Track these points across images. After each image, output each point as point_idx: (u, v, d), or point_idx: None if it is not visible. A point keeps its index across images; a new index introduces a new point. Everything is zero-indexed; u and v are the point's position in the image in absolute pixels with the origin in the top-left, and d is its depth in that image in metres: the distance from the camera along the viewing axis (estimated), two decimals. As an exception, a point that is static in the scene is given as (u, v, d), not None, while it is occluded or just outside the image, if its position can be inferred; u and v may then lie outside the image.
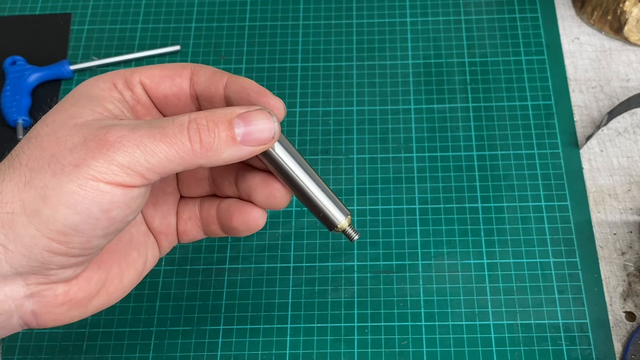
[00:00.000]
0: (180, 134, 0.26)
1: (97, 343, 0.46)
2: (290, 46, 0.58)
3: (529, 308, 0.46)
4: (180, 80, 0.30)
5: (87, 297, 0.29)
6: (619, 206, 0.50)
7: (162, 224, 0.33)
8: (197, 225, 0.34)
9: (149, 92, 0.31)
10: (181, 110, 0.31)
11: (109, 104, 0.28)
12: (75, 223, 0.25)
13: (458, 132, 0.53)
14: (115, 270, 0.30)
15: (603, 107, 0.54)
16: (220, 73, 0.30)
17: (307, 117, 0.54)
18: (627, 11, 0.55)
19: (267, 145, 0.28)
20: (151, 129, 0.26)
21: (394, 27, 0.59)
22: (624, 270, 0.47)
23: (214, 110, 0.27)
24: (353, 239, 0.32)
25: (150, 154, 0.25)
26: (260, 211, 0.32)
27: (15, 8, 0.62)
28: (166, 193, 0.33)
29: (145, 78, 0.30)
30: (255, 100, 0.29)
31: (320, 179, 0.31)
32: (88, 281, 0.29)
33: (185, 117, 0.26)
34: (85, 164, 0.25)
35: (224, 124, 0.27)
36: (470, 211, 0.50)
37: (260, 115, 0.27)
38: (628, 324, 0.45)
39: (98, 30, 0.60)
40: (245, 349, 0.46)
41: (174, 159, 0.26)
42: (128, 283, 0.31)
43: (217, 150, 0.26)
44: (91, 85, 0.29)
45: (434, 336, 0.45)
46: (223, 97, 0.30)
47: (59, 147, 0.25)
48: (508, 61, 0.56)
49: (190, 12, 0.61)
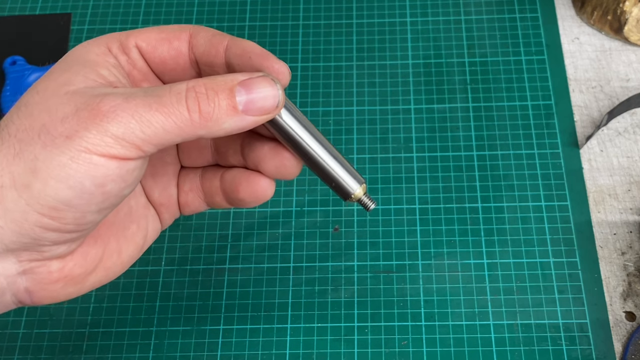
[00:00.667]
0: (178, 103, 0.24)
1: (97, 343, 0.46)
2: (290, 46, 0.58)
3: (529, 308, 0.46)
4: (179, 44, 0.29)
5: (83, 273, 0.27)
6: (619, 206, 0.50)
7: (162, 195, 0.31)
8: (200, 197, 0.32)
9: (146, 56, 0.29)
10: (180, 75, 0.30)
11: (103, 69, 0.26)
12: (67, 198, 0.24)
13: (458, 132, 0.53)
14: (113, 244, 0.29)
15: (603, 107, 0.54)
16: (220, 35, 0.29)
17: (307, 117, 0.54)
18: (627, 11, 0.55)
19: (271, 115, 0.26)
20: (147, 98, 0.24)
21: (394, 27, 0.59)
22: (624, 270, 0.47)
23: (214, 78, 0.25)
24: (370, 208, 0.30)
25: (146, 124, 0.24)
26: (268, 181, 0.30)
27: (15, 8, 0.62)
28: (166, 163, 0.32)
29: (141, 41, 0.29)
30: (258, 63, 0.28)
31: (332, 146, 0.29)
32: (84, 257, 0.27)
33: (183, 84, 0.25)
34: (77, 135, 0.23)
35: (224, 92, 0.25)
36: (470, 211, 0.50)
37: (263, 82, 0.26)
38: (628, 324, 0.45)
39: (98, 30, 0.60)
40: (245, 349, 0.46)
41: (172, 130, 0.24)
42: (127, 257, 0.30)
43: (218, 120, 0.25)
44: (85, 50, 0.27)
45: (434, 336, 0.45)
46: (224, 60, 0.28)
47: (49, 116, 0.24)
48: (508, 61, 0.56)
49: (190, 12, 0.61)
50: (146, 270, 0.49)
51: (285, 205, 0.51)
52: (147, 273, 0.48)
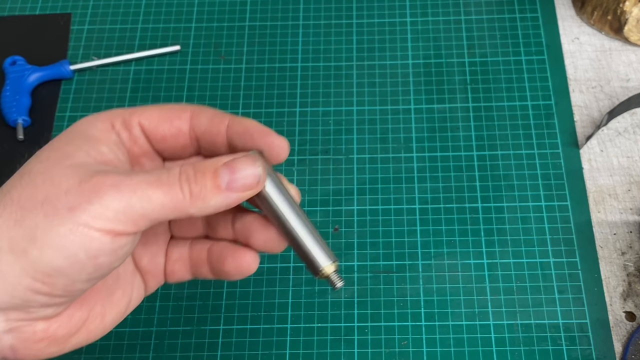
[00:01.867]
0: (173, 183, 0.26)
1: (97, 343, 0.46)
2: (290, 46, 0.58)
3: (529, 308, 0.46)
4: (180, 122, 0.30)
5: (67, 334, 0.29)
6: (619, 206, 0.50)
7: (150, 263, 0.33)
8: (186, 266, 0.33)
9: (147, 134, 0.30)
10: (179, 152, 0.32)
11: (104, 146, 0.28)
12: (61, 266, 0.25)
13: (458, 132, 0.53)
14: (98, 309, 0.30)
15: (603, 107, 0.54)
16: (221, 115, 0.30)
17: (307, 117, 0.54)
18: (627, 11, 0.55)
19: (254, 191, 0.28)
20: (147, 176, 0.26)
21: (394, 27, 0.59)
22: (624, 270, 0.47)
23: (203, 161, 0.28)
24: (336, 286, 0.31)
25: (146, 199, 0.25)
26: (253, 256, 0.31)
27: (15, 8, 0.62)
28: (157, 233, 0.33)
29: (144, 119, 0.30)
30: (260, 140, 0.30)
31: (312, 224, 0.31)
32: (69, 319, 0.28)
33: (176, 168, 0.27)
34: (80, 208, 0.25)
35: (209, 173, 0.27)
36: (470, 211, 0.50)
37: (245, 162, 0.28)
38: (628, 324, 0.45)
39: (98, 30, 0.60)
40: (245, 349, 0.46)
41: (168, 207, 0.26)
42: (110, 322, 0.31)
43: (205, 199, 0.27)
44: (88, 125, 0.29)
45: (434, 336, 0.45)
46: (225, 139, 0.30)
47: (53, 187, 0.25)
48: (508, 61, 0.56)
49: (190, 12, 0.61)
50: (146, 270, 0.49)
51: (285, 205, 0.51)
52: (147, 273, 0.48)
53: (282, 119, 0.54)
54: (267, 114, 0.55)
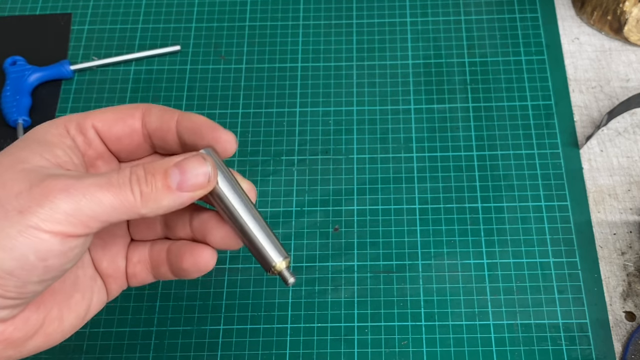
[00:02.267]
0: (124, 184, 0.26)
1: (98, 343, 0.46)
2: (290, 46, 0.58)
3: (529, 308, 0.46)
4: (132, 121, 0.31)
5: (23, 337, 0.28)
6: (619, 206, 0.50)
7: (110, 267, 0.33)
8: (147, 268, 0.33)
9: (102, 135, 0.31)
10: (135, 151, 0.32)
11: (58, 150, 0.28)
12: (10, 268, 0.25)
13: (458, 132, 0.53)
14: (55, 312, 0.30)
15: (603, 107, 0.54)
16: (170, 112, 0.31)
17: (307, 117, 0.54)
18: (627, 11, 0.55)
19: (204, 190, 0.28)
20: (98, 179, 0.26)
21: (394, 27, 0.59)
22: (624, 270, 0.47)
23: (153, 162, 0.28)
24: (288, 283, 0.31)
25: (96, 202, 0.26)
26: (211, 252, 0.31)
27: (15, 8, 0.62)
28: (116, 236, 0.33)
29: (97, 122, 0.31)
30: (207, 135, 0.30)
31: (264, 221, 0.31)
32: (25, 322, 0.28)
33: (127, 170, 0.27)
34: (29, 210, 0.25)
35: (160, 174, 0.27)
36: (470, 211, 0.50)
37: (195, 162, 0.28)
38: (628, 324, 0.45)
39: (98, 30, 0.60)
40: (246, 349, 0.46)
41: (119, 208, 0.26)
42: (69, 326, 0.31)
43: (156, 200, 0.27)
44: (44, 131, 0.29)
45: (434, 336, 0.45)
46: (176, 134, 0.31)
47: (4, 191, 0.25)
48: (508, 61, 0.56)
49: (190, 12, 0.61)
50: (146, 270, 0.49)
51: (285, 205, 0.51)
52: (147, 273, 0.49)
53: (282, 119, 0.54)
54: (267, 114, 0.55)
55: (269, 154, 0.53)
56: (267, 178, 0.52)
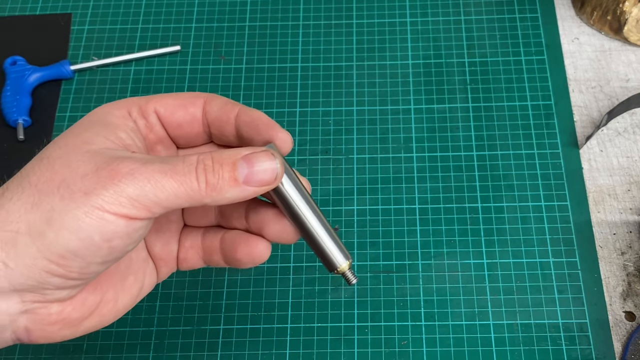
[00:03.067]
0: (189, 172, 0.27)
1: (98, 343, 0.46)
2: (290, 46, 0.58)
3: (528, 308, 0.46)
4: (194, 109, 0.31)
5: (80, 317, 0.29)
6: (619, 206, 0.50)
7: (163, 250, 0.33)
8: (198, 254, 0.34)
9: (163, 121, 0.31)
10: (193, 139, 0.32)
11: (122, 132, 0.29)
12: (76, 248, 0.25)
13: (458, 132, 0.53)
14: (110, 293, 0.30)
15: (603, 107, 0.54)
16: (232, 103, 0.31)
17: (307, 117, 0.54)
18: (627, 11, 0.55)
19: (270, 186, 0.28)
20: (163, 165, 0.26)
21: (394, 27, 0.59)
22: (624, 270, 0.47)
23: (221, 152, 0.28)
24: (351, 283, 0.32)
25: (160, 188, 0.26)
26: (266, 245, 0.32)
27: (15, 8, 0.62)
28: (170, 221, 0.34)
29: (160, 107, 0.31)
30: (264, 132, 0.30)
31: (326, 220, 0.31)
32: (82, 302, 0.29)
33: (194, 157, 0.27)
34: (95, 192, 0.25)
35: (228, 166, 0.27)
36: (470, 211, 0.50)
37: (264, 157, 0.28)
38: (628, 324, 0.45)
39: (98, 30, 0.60)
40: (246, 348, 0.46)
41: (182, 196, 0.26)
42: (122, 307, 0.31)
43: (221, 190, 0.27)
44: (106, 112, 0.30)
45: (434, 336, 0.45)
46: (234, 127, 0.31)
47: (70, 172, 0.26)
48: (508, 61, 0.56)
49: (190, 12, 0.61)
50: (146, 270, 0.49)
51: (285, 205, 0.51)
52: (147, 273, 0.49)
53: (282, 119, 0.54)
54: (267, 114, 0.55)
55: (269, 154, 0.53)
56: (267, 178, 0.52)
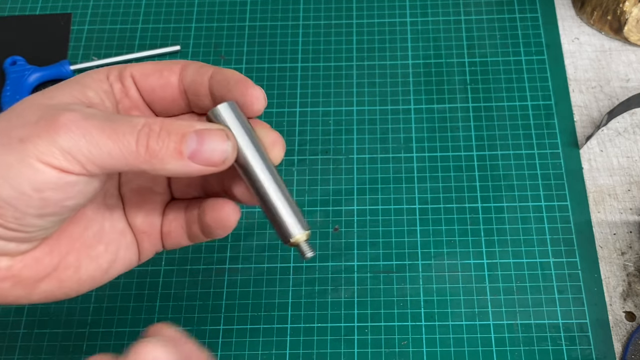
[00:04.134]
0: (130, 134, 0.25)
1: (97, 343, 0.46)
2: (290, 46, 0.58)
3: (529, 308, 0.46)
4: (169, 74, 0.30)
5: (33, 277, 0.28)
6: (619, 206, 0.50)
7: (144, 222, 0.32)
8: (182, 227, 0.32)
9: (138, 85, 0.30)
10: (169, 105, 0.31)
11: (91, 91, 0.28)
12: (7, 196, 0.25)
13: (458, 132, 0.53)
14: (71, 258, 0.29)
15: (603, 107, 0.54)
16: (207, 66, 0.30)
17: (307, 117, 0.54)
18: (627, 11, 0.55)
19: (217, 168, 0.27)
20: (103, 122, 0.25)
21: (394, 27, 0.59)
22: (624, 270, 0.47)
23: (174, 120, 0.27)
24: (306, 256, 0.29)
25: (93, 145, 0.25)
26: (232, 206, 0.30)
27: (15, 8, 0.62)
28: (154, 192, 0.32)
29: (136, 71, 0.30)
30: (235, 88, 0.29)
31: (285, 188, 0.29)
32: (36, 261, 0.28)
33: (142, 119, 0.26)
34: (29, 140, 0.25)
35: (176, 136, 0.26)
36: (470, 211, 0.50)
37: (216, 136, 0.27)
38: (628, 324, 0.45)
39: (98, 30, 0.60)
40: (245, 349, 0.46)
41: (116, 157, 0.25)
42: (87, 276, 0.30)
43: (162, 160, 0.26)
44: (85, 75, 0.29)
45: (434, 336, 0.45)
46: (208, 89, 0.30)
47: (16, 120, 0.25)
48: (508, 61, 0.56)
49: (190, 12, 0.61)
50: (146, 270, 0.49)
51: (285, 205, 0.51)
52: (147, 273, 0.49)
53: (282, 119, 0.54)
54: (267, 114, 0.55)
55: (269, 154, 0.53)
56: (267, 178, 0.52)
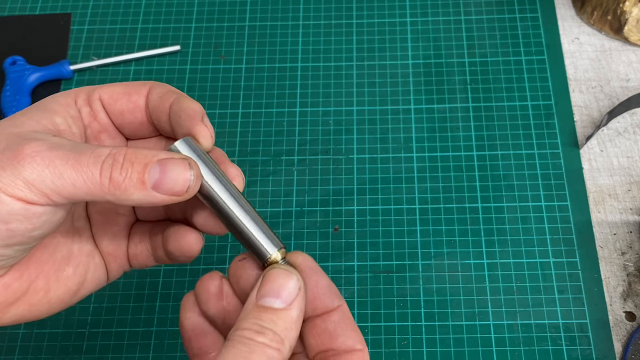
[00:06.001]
0: (94, 165, 0.25)
1: (97, 343, 0.46)
2: (290, 46, 0.58)
3: (529, 308, 0.46)
4: (137, 97, 0.30)
5: (3, 302, 0.28)
6: (619, 206, 0.50)
7: (110, 245, 0.32)
8: (148, 250, 0.33)
9: (106, 108, 0.30)
10: (138, 129, 0.31)
11: (58, 117, 0.28)
12: None
13: (458, 132, 0.53)
14: (40, 282, 0.29)
15: (603, 107, 0.54)
16: (171, 92, 0.30)
17: (307, 117, 0.54)
18: (627, 11, 0.55)
19: (180, 198, 0.27)
20: (68, 152, 0.25)
21: (394, 27, 0.59)
22: (624, 270, 0.47)
23: (138, 150, 0.26)
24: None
25: (57, 176, 0.25)
26: (195, 236, 0.31)
27: (15, 8, 0.62)
28: (118, 214, 0.32)
29: (104, 94, 0.30)
30: (184, 123, 0.29)
31: (255, 211, 0.29)
32: (5, 287, 0.28)
33: (107, 149, 0.26)
34: None
35: (139, 166, 0.26)
36: (470, 211, 0.50)
37: (178, 165, 0.26)
38: (628, 324, 0.45)
39: (98, 30, 0.60)
40: (245, 349, 0.45)
41: (80, 187, 0.25)
42: (56, 299, 0.30)
43: (126, 191, 0.26)
44: (52, 99, 0.29)
45: (434, 336, 0.45)
46: (168, 117, 0.29)
47: None
48: (508, 61, 0.56)
49: (190, 12, 0.61)
50: (146, 270, 0.49)
51: (285, 205, 0.51)
52: (147, 273, 0.48)
53: (282, 119, 0.54)
54: (267, 114, 0.55)
55: (269, 154, 0.53)
56: (267, 178, 0.52)
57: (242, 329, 0.25)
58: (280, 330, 0.26)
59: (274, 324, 0.26)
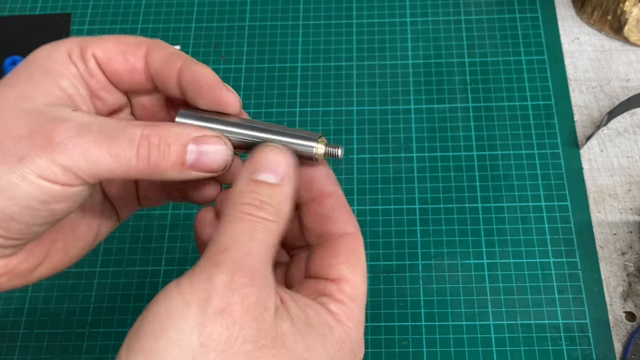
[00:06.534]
0: (129, 149, 0.25)
1: (97, 343, 0.46)
2: (290, 46, 0.58)
3: (529, 308, 0.46)
4: (134, 60, 0.29)
5: (28, 269, 0.29)
6: (619, 206, 0.50)
7: (119, 190, 0.32)
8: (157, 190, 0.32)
9: (102, 67, 0.29)
10: (135, 87, 0.30)
11: (64, 80, 0.28)
12: (13, 213, 0.25)
13: (458, 132, 0.53)
14: (60, 243, 0.30)
15: (603, 107, 0.54)
16: (176, 56, 0.29)
17: (307, 117, 0.54)
18: (627, 11, 0.55)
19: (216, 174, 0.27)
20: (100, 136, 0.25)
21: (394, 27, 0.59)
22: (624, 270, 0.47)
23: (170, 128, 0.26)
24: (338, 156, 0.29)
25: (93, 162, 0.25)
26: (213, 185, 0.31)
27: (15, 8, 0.62)
28: None
29: (98, 51, 0.29)
30: (208, 94, 0.28)
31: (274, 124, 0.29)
32: (28, 255, 0.28)
33: (138, 129, 0.26)
34: (28, 159, 0.24)
35: (177, 146, 0.26)
36: (470, 211, 0.50)
37: (214, 144, 0.27)
38: (628, 324, 0.45)
39: (98, 30, 0.60)
40: (245, 349, 0.45)
41: (117, 172, 0.25)
42: (75, 254, 0.31)
43: (163, 171, 0.26)
44: (46, 55, 0.28)
45: (434, 336, 0.45)
46: (177, 84, 0.29)
47: (4, 134, 0.25)
48: (508, 61, 0.56)
49: (190, 12, 0.61)
50: (146, 270, 0.49)
51: (285, 205, 0.51)
52: (147, 273, 0.48)
53: (282, 119, 0.54)
54: (267, 114, 0.55)
55: (269, 154, 0.53)
56: (267, 178, 0.52)
57: (241, 204, 0.25)
58: (276, 203, 0.26)
59: (271, 197, 0.26)
